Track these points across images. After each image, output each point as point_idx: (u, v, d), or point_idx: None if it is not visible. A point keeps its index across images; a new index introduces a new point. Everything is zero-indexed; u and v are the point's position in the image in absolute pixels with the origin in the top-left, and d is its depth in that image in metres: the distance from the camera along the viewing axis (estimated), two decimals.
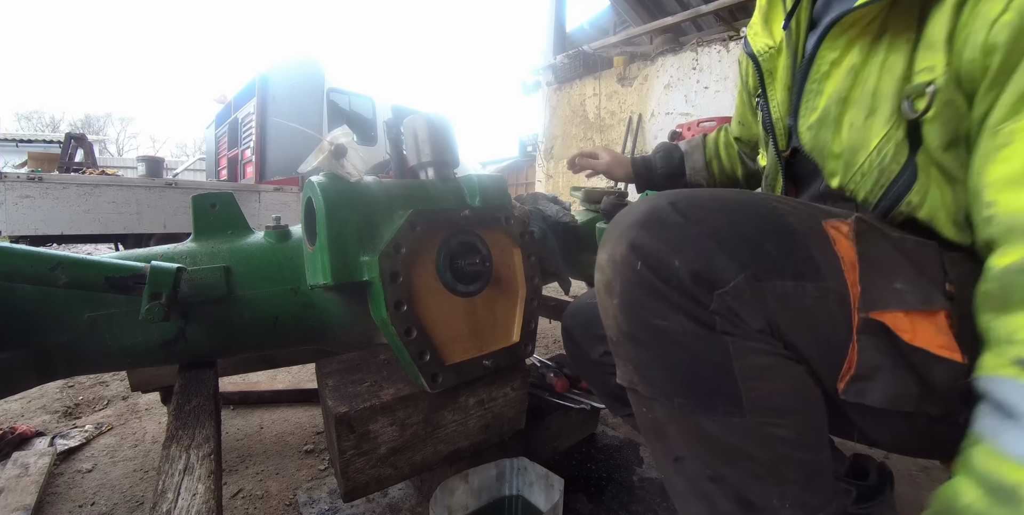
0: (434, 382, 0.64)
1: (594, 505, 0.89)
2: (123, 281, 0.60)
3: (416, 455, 0.69)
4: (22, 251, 0.55)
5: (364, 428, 0.62)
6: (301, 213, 0.72)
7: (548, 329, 2.13)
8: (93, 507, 0.88)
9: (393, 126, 0.78)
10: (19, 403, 1.29)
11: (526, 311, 0.75)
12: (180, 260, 0.72)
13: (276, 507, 0.89)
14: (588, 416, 1.08)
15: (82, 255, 0.59)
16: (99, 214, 3.49)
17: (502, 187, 0.79)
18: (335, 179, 0.65)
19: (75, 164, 5.11)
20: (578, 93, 5.27)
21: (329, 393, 0.64)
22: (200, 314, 0.71)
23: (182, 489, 0.49)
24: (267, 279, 0.75)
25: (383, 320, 0.60)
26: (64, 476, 0.97)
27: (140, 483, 0.95)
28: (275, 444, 1.11)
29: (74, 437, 1.11)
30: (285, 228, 0.81)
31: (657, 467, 0.55)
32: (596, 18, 8.27)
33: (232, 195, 0.82)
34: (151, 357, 0.71)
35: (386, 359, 0.75)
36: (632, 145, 4.35)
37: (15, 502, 0.84)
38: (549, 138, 5.66)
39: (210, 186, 4.61)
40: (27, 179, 3.19)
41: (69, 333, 0.64)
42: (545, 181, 5.65)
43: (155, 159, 4.68)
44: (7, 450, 1.03)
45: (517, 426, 0.83)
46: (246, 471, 1.00)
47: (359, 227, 0.63)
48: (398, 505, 0.88)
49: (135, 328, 0.68)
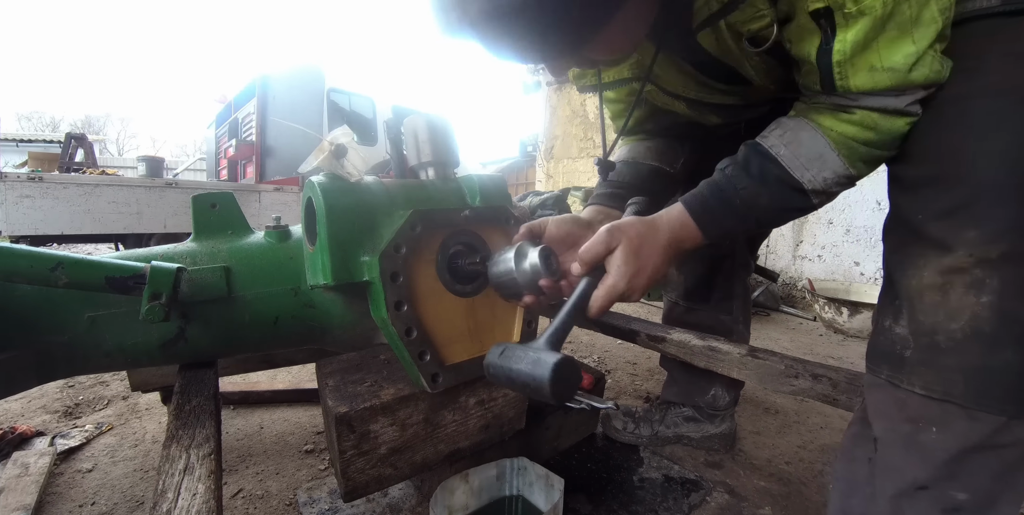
0: (434, 382, 0.64)
1: (594, 505, 0.89)
2: (123, 281, 0.60)
3: (416, 455, 0.69)
4: (22, 251, 0.55)
5: (364, 428, 0.62)
6: (301, 213, 0.72)
7: None
8: (93, 507, 0.88)
9: (393, 126, 0.78)
10: (19, 403, 1.29)
11: (526, 311, 0.75)
12: (180, 260, 0.72)
13: (276, 507, 0.89)
14: (588, 416, 1.08)
15: (82, 255, 0.59)
16: (99, 214, 3.49)
17: (502, 187, 0.79)
18: (335, 179, 0.65)
19: (75, 164, 5.11)
20: (578, 93, 5.27)
21: (329, 393, 0.64)
22: (200, 314, 0.71)
23: (182, 489, 0.49)
24: (267, 279, 0.75)
25: (383, 320, 0.60)
26: (64, 476, 0.97)
27: (140, 483, 0.95)
28: (275, 444, 1.11)
29: (74, 437, 1.11)
30: (285, 228, 0.81)
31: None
32: None
33: (232, 195, 0.82)
34: (151, 357, 0.71)
35: (386, 359, 0.75)
36: None
37: (15, 502, 0.84)
38: (549, 138, 5.66)
39: (210, 186, 4.60)
40: (27, 179, 3.19)
41: (69, 333, 0.64)
42: (545, 181, 5.65)
43: (155, 159, 4.69)
44: (7, 450, 1.03)
45: (517, 426, 0.83)
46: (246, 471, 1.00)
47: (359, 227, 0.63)
48: (398, 505, 0.88)
49: (135, 328, 0.68)
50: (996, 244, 0.47)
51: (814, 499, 0.95)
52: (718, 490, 0.97)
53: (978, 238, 0.48)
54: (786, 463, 1.09)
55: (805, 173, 0.57)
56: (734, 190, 0.61)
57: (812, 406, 1.38)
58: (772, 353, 0.89)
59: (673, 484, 0.97)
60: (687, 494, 0.94)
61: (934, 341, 0.50)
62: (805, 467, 1.07)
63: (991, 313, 0.47)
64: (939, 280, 0.50)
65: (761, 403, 1.39)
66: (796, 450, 1.15)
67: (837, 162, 0.56)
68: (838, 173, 0.57)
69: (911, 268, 0.54)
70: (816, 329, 2.44)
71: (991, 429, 0.47)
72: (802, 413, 1.35)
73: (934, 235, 0.51)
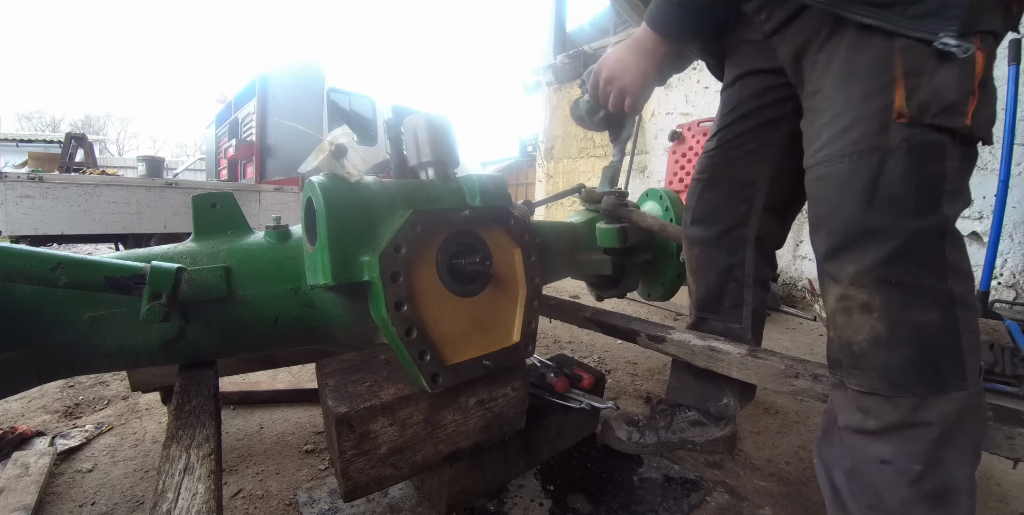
0: (434, 382, 0.64)
1: (594, 505, 0.89)
2: (123, 281, 0.60)
3: (416, 455, 0.69)
4: (22, 251, 0.55)
5: (364, 428, 0.63)
6: (301, 213, 0.72)
7: (548, 329, 2.13)
8: (93, 507, 0.88)
9: (393, 126, 0.79)
10: (19, 403, 1.29)
11: (526, 311, 0.75)
12: (180, 260, 0.72)
13: (276, 507, 0.89)
14: (588, 416, 1.08)
15: (82, 255, 0.59)
16: (99, 214, 3.49)
17: (502, 187, 0.79)
18: (335, 179, 0.65)
19: (75, 164, 5.11)
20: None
21: (329, 393, 0.64)
22: (200, 314, 0.71)
23: (182, 489, 0.49)
24: (267, 279, 0.75)
25: (383, 320, 0.60)
26: (64, 476, 0.97)
27: (140, 483, 0.95)
28: (275, 444, 1.11)
29: (74, 437, 1.11)
30: (285, 228, 0.81)
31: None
32: (596, 18, 8.25)
33: (232, 195, 0.82)
34: (151, 357, 0.71)
35: (386, 359, 0.75)
36: (632, 145, 4.34)
37: (15, 502, 0.84)
38: (549, 138, 5.65)
39: (210, 186, 4.60)
40: (27, 179, 3.19)
41: (69, 333, 0.64)
42: (545, 181, 5.65)
43: (155, 159, 4.68)
44: (7, 450, 1.03)
45: (517, 426, 0.83)
46: (246, 471, 1.00)
47: (359, 227, 0.63)
48: (398, 505, 0.88)
49: (135, 328, 0.68)
50: (869, 275, 0.62)
51: (814, 499, 0.95)
52: (718, 490, 0.97)
53: (855, 271, 0.63)
54: (786, 463, 1.09)
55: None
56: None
57: (812, 406, 1.38)
58: (772, 353, 0.89)
59: (673, 484, 0.97)
60: (687, 494, 0.94)
61: (852, 350, 0.65)
62: (805, 467, 1.07)
63: (883, 324, 0.61)
64: (840, 305, 0.65)
65: (761, 403, 1.39)
66: (796, 450, 1.15)
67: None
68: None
69: (824, 294, 0.70)
70: (816, 329, 2.43)
71: (909, 409, 0.61)
72: (802, 413, 1.35)
73: (829, 270, 0.67)
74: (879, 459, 0.63)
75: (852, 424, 0.66)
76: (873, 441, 0.64)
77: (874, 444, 0.64)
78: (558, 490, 0.93)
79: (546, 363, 1.10)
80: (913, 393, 0.60)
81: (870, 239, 0.62)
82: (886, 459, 0.62)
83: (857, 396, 0.65)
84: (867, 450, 0.65)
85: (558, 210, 5.19)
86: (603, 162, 4.94)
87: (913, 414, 0.60)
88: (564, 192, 1.48)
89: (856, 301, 0.63)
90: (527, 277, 0.75)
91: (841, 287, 0.65)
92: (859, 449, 0.66)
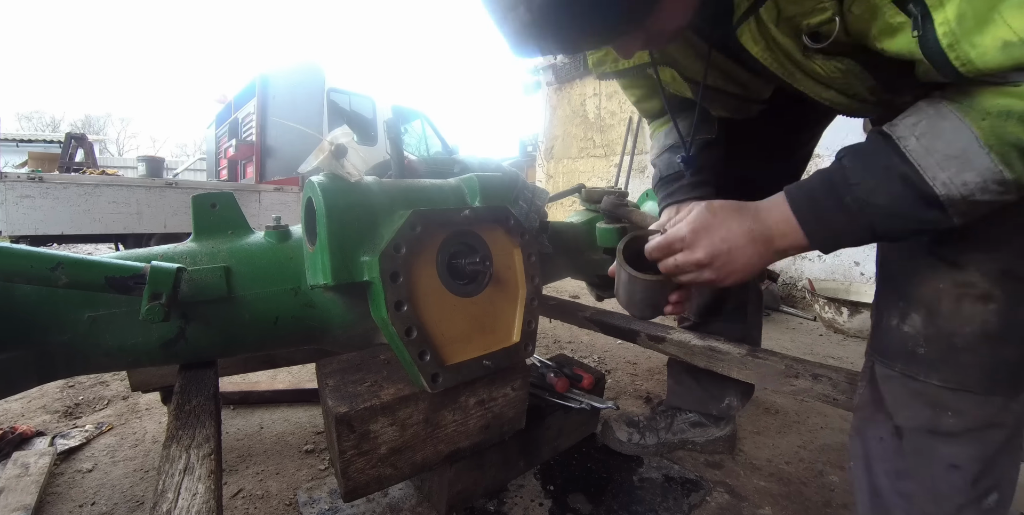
0: (434, 382, 0.64)
1: (594, 505, 0.89)
2: (123, 281, 0.60)
3: (416, 455, 0.69)
4: (22, 251, 0.55)
5: (364, 428, 0.63)
6: (301, 213, 0.72)
7: (548, 329, 2.12)
8: (93, 507, 0.88)
9: (393, 126, 0.78)
10: (19, 403, 1.29)
11: (526, 311, 0.75)
12: (180, 260, 0.72)
13: (276, 507, 0.89)
14: (588, 416, 1.08)
15: (82, 255, 0.59)
16: (99, 214, 3.49)
17: (503, 187, 0.79)
18: (335, 179, 0.65)
19: (75, 164, 5.10)
20: (578, 93, 5.27)
21: (329, 393, 0.64)
22: (200, 314, 0.71)
23: (182, 489, 0.49)
24: (267, 279, 0.75)
25: (383, 320, 0.60)
26: (64, 476, 0.97)
27: (140, 483, 0.95)
28: (275, 444, 1.11)
29: (74, 437, 1.11)
30: (285, 228, 0.81)
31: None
32: None
33: (232, 195, 0.82)
34: (151, 357, 0.71)
35: (386, 359, 0.75)
36: (632, 145, 4.34)
37: (15, 502, 0.84)
38: (549, 138, 5.66)
39: (210, 186, 4.59)
40: (27, 179, 3.19)
41: (69, 333, 0.64)
42: (545, 181, 5.65)
43: (155, 159, 4.68)
44: (7, 450, 1.03)
45: (517, 426, 0.83)
46: (246, 471, 1.00)
47: (359, 227, 0.63)
48: (398, 505, 0.88)
49: (135, 328, 0.68)
50: (997, 264, 0.56)
51: (814, 499, 0.95)
52: (718, 490, 0.97)
53: (984, 259, 0.57)
54: (786, 463, 1.09)
55: (940, 173, 0.47)
56: (846, 184, 0.52)
57: (812, 406, 1.38)
58: (772, 353, 0.89)
59: (673, 484, 0.97)
60: (687, 494, 0.94)
61: (951, 342, 0.58)
62: (805, 467, 1.07)
63: (998, 318, 0.56)
64: (954, 292, 0.58)
65: (761, 403, 1.39)
66: (796, 450, 1.15)
67: (985, 160, 0.45)
68: (985, 176, 0.45)
69: (925, 279, 0.61)
70: (816, 329, 2.43)
71: (996, 409, 0.57)
72: (802, 413, 1.35)
73: (946, 255, 0.59)
74: (949, 463, 0.59)
75: (919, 423, 0.61)
76: (944, 442, 0.59)
77: (945, 446, 0.59)
78: (558, 490, 0.93)
79: (546, 363, 1.10)
80: (1006, 393, 0.57)
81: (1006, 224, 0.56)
82: (957, 464, 0.58)
83: (937, 391, 0.59)
84: (934, 452, 0.60)
85: (558, 210, 5.19)
86: (603, 162, 4.94)
87: (997, 414, 0.57)
88: (564, 192, 1.48)
89: (977, 290, 0.56)
90: (527, 277, 0.75)
91: (963, 274, 0.57)
92: (923, 451, 0.60)
